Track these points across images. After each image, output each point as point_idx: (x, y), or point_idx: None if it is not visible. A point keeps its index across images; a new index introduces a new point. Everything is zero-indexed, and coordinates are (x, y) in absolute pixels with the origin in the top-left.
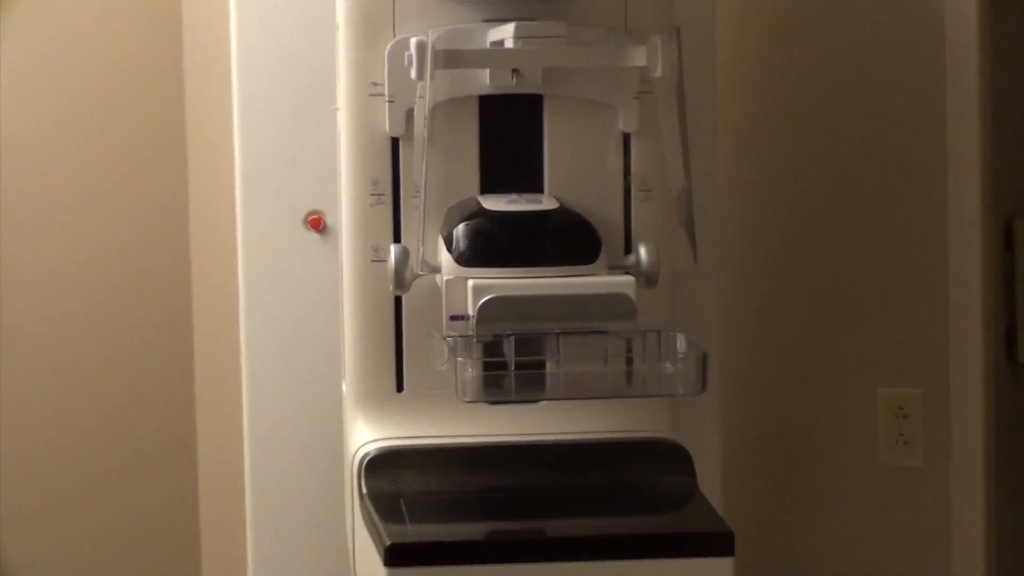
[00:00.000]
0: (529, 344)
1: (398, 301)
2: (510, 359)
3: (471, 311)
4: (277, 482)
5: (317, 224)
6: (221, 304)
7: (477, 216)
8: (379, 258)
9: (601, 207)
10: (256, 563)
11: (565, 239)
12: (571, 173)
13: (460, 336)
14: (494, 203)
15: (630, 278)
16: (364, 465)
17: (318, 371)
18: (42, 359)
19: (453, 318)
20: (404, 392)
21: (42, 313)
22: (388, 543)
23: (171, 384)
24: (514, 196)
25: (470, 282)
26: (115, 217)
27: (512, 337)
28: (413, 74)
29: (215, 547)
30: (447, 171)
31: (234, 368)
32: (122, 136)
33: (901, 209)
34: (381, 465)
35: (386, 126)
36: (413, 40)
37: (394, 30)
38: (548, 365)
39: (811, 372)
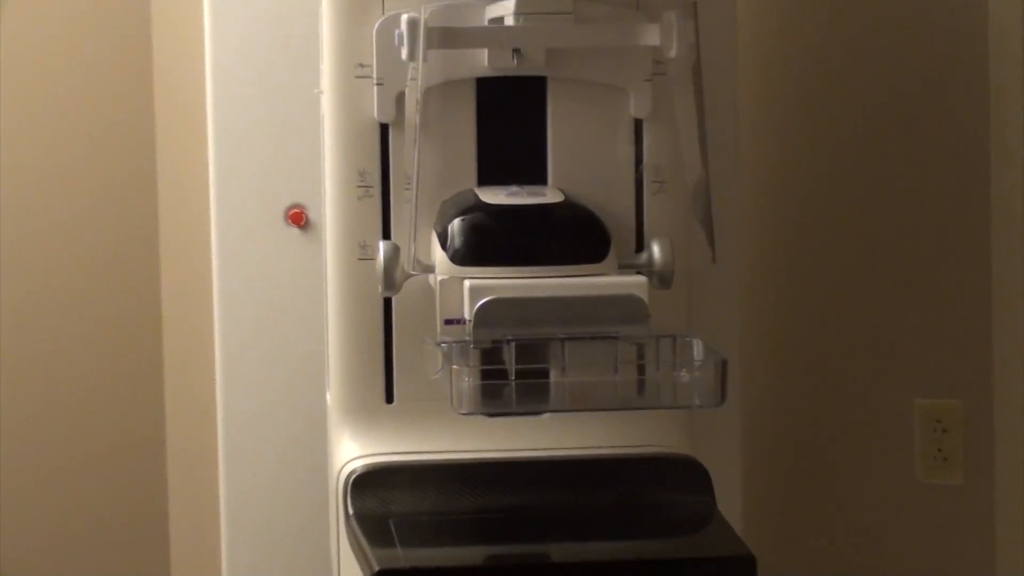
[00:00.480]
0: (531, 351)
1: (388, 303)
2: (510, 367)
3: (468, 314)
4: (253, 501)
5: (298, 219)
6: (193, 307)
7: (474, 210)
8: (367, 256)
9: (610, 200)
10: None
11: (571, 235)
12: (577, 163)
13: (455, 342)
14: (493, 196)
15: (642, 278)
16: (350, 483)
17: (299, 380)
18: (4, 362)
19: (448, 322)
20: (394, 404)
21: (6, 316)
22: (376, 569)
23: (139, 394)
24: (515, 188)
25: (466, 282)
26: (74, 212)
27: (513, 343)
28: (404, 54)
29: (187, 567)
30: (441, 161)
31: (207, 377)
32: (86, 120)
33: (941, 204)
34: (369, 483)
35: (374, 111)
36: (404, 16)
37: (383, 6)
38: (552, 374)
39: (841, 381)
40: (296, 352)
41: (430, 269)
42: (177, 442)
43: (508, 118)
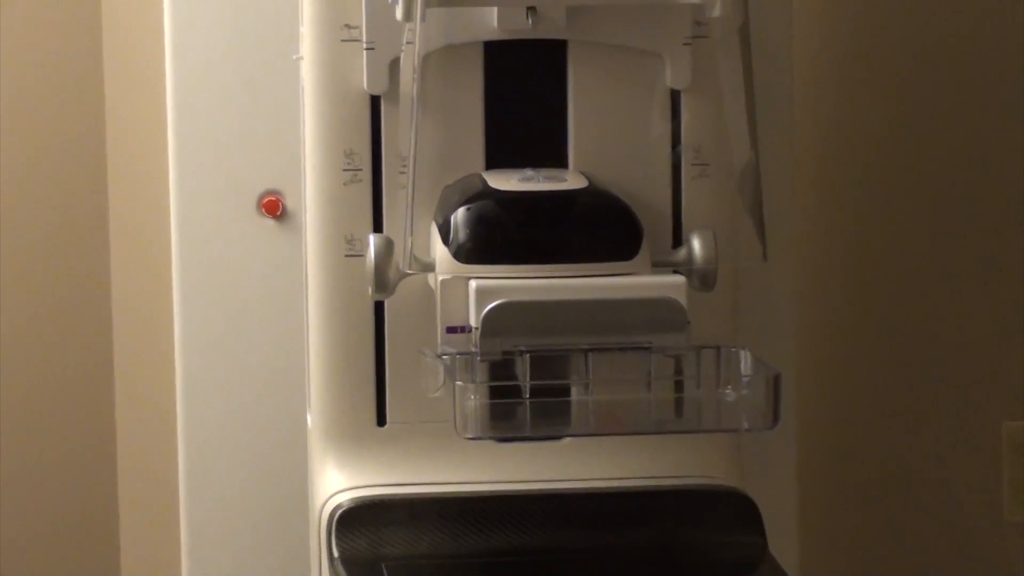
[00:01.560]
0: (549, 364)
1: (379, 308)
2: (524, 383)
3: (474, 321)
4: (219, 539)
5: (273, 208)
6: (148, 313)
7: (482, 198)
8: (354, 252)
9: (642, 187)
10: None
11: (596, 228)
12: (603, 143)
13: (459, 353)
14: (504, 181)
15: (680, 278)
16: (336, 520)
17: (275, 398)
18: None
19: (451, 330)
20: (387, 426)
21: None
22: None
23: (86, 416)
24: (529, 172)
25: (472, 283)
26: (7, 199)
27: (527, 355)
28: (399, 14)
29: None
30: (443, 140)
31: (164, 396)
32: (27, 91)
33: None
34: (358, 521)
35: (363, 81)
36: None
37: None
38: (574, 391)
39: (914, 401)
40: (271, 365)
41: (429, 267)
42: (131, 474)
43: (522, 89)
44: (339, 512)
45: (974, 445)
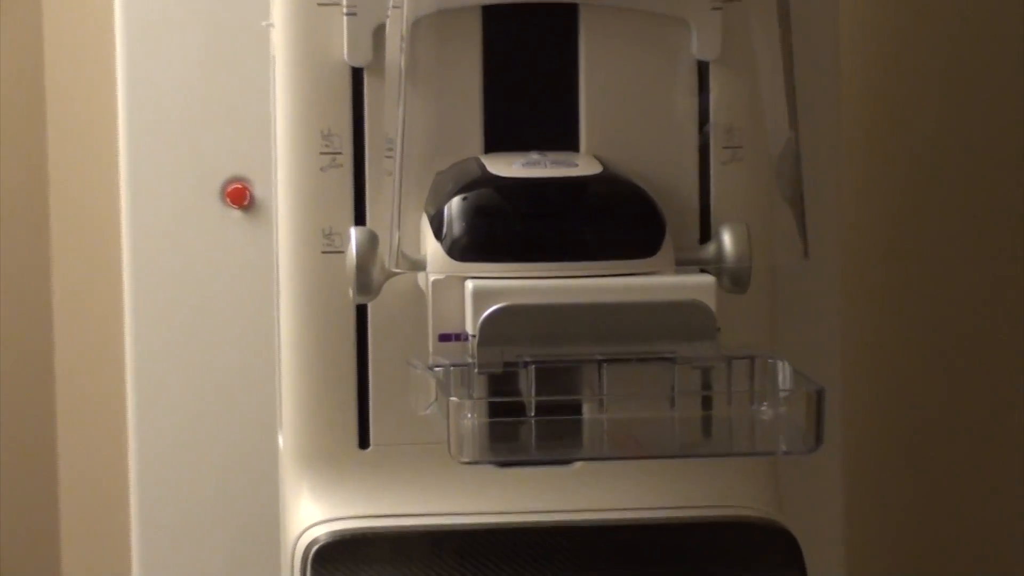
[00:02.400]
0: (557, 377)
1: (362, 313)
2: (529, 399)
3: (471, 327)
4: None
5: (239, 197)
6: (95, 318)
7: (480, 185)
8: (333, 248)
9: (665, 172)
10: None
11: (612, 220)
12: (620, 121)
13: (454, 365)
14: (505, 166)
15: (709, 278)
16: (311, 558)
17: (240, 416)
18: None
19: (444, 338)
20: (370, 449)
21: None
22: None
23: (22, 437)
24: (535, 156)
25: (469, 284)
26: None
27: (532, 367)
28: None
29: None
30: (435, 118)
31: (113, 416)
32: None
33: None
34: (336, 558)
35: (343, 51)
36: None
37: None
38: (586, 408)
39: (979, 421)
40: (236, 378)
41: (420, 266)
42: (75, 497)
43: (526, 61)
44: (315, 548)
45: None
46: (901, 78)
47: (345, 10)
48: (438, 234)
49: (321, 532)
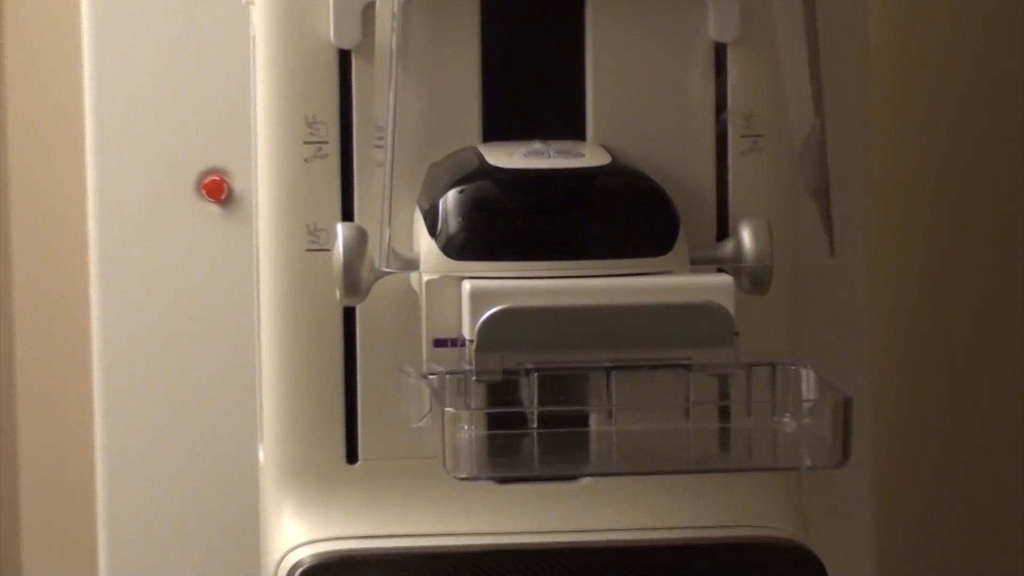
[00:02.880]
0: (562, 386)
1: (349, 316)
2: (531, 409)
3: (468, 331)
4: None
5: (217, 191)
6: (61, 321)
7: (478, 177)
8: (319, 245)
9: (679, 163)
10: None
11: (621, 215)
12: (630, 108)
13: (450, 372)
14: (505, 156)
15: (727, 278)
16: None
17: (217, 428)
18: None
19: (439, 343)
20: (359, 464)
21: None
22: None
23: None
24: (537, 145)
25: (466, 284)
26: None
27: (535, 374)
28: None
29: None
30: (430, 105)
31: (80, 422)
32: None
33: None
34: None
35: (330, 31)
36: None
37: None
38: (593, 420)
39: (1018, 432)
40: (213, 387)
41: (412, 265)
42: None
43: (528, 42)
44: (299, 571)
45: None
46: (936, 59)
47: None
48: (432, 230)
49: (305, 554)
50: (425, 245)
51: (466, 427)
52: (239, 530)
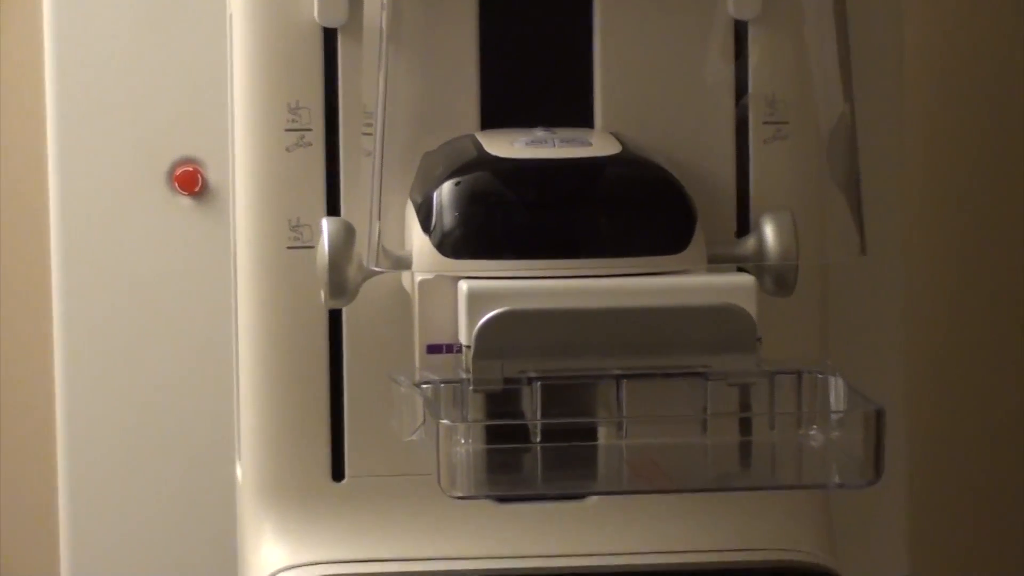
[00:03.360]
0: (568, 396)
1: (335, 319)
2: (534, 422)
3: (465, 337)
4: None
5: (190, 182)
6: (21, 321)
7: (476, 168)
8: (302, 242)
9: (696, 152)
10: None
11: (633, 209)
12: (642, 92)
13: (445, 381)
14: (506, 145)
15: (748, 278)
16: None
17: (190, 442)
18: None
19: (433, 349)
20: (345, 481)
21: None
22: None
23: None
24: (541, 133)
25: (463, 285)
26: None
27: (538, 383)
28: None
29: None
30: (424, 88)
31: (42, 433)
32: None
33: None
34: None
35: (313, 9)
36: None
37: None
38: (602, 433)
39: None
40: (186, 397)
41: (404, 264)
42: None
43: (530, 20)
44: None
45: None
46: (976, 39)
47: None
48: (426, 226)
49: None
50: (418, 242)
51: (463, 441)
52: (213, 548)
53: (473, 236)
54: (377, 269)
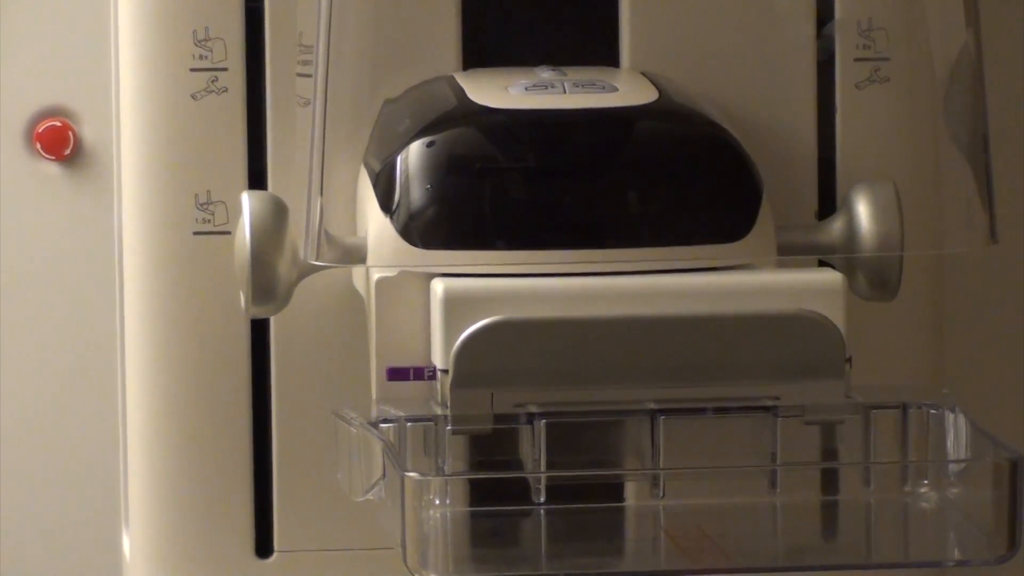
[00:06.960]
0: (582, 439)
1: (260, 331)
2: (536, 474)
3: (440, 358)
4: None
5: (57, 143)
6: None
7: (456, 122)
8: (213, 225)
9: (760, 102)
10: None
11: (676, 181)
12: (683, 19)
13: (412, 419)
14: (496, 91)
15: (836, 276)
16: None
17: (68, 500)
18: None
19: (395, 373)
20: (273, 558)
21: None
22: None
23: None
24: (547, 73)
25: (438, 285)
26: None
27: (542, 421)
28: None
29: None
30: (382, 14)
31: None
32: None
33: None
34: None
35: None
36: None
37: None
38: (630, 490)
39: None
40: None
41: (356, 256)
42: None
43: None
44: None
45: None
46: None
47: None
48: (386, 204)
49: None
50: (375, 226)
51: (437, 502)
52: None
53: (451, 218)
54: (318, 263)
